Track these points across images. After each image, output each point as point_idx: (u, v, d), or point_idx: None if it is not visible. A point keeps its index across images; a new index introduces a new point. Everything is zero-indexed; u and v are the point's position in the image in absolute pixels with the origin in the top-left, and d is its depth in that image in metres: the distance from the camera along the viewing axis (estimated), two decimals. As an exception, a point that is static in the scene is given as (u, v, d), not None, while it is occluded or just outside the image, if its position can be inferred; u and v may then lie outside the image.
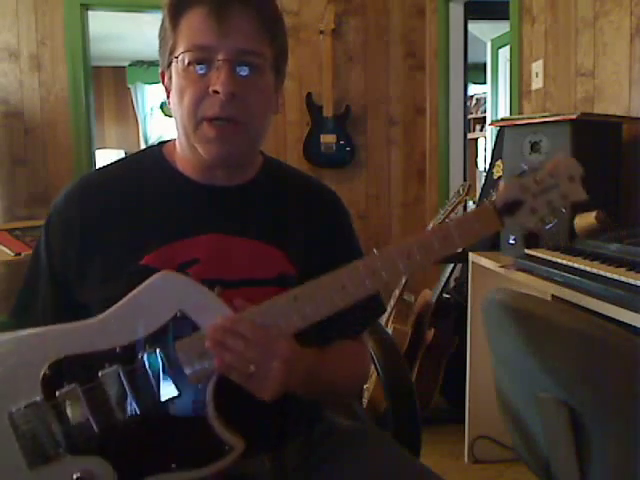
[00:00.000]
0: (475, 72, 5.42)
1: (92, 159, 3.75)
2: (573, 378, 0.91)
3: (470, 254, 2.20)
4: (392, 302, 2.69)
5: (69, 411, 0.81)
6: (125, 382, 0.82)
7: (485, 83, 5.40)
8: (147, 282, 0.85)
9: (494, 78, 5.07)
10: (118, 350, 0.83)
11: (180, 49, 0.90)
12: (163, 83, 0.97)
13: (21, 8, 3.53)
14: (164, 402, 0.83)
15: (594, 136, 1.85)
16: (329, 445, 1.03)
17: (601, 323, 0.85)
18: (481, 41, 5.00)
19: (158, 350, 0.83)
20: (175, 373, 0.83)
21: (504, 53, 4.65)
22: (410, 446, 1.09)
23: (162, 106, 6.95)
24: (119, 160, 1.06)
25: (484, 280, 2.11)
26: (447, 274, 2.59)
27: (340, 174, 3.74)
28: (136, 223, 0.84)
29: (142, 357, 0.83)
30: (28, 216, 3.49)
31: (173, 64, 0.92)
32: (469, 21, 3.83)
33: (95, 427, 0.81)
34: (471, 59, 3.94)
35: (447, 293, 2.67)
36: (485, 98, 5.80)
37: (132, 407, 0.82)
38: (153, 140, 7.19)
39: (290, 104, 3.80)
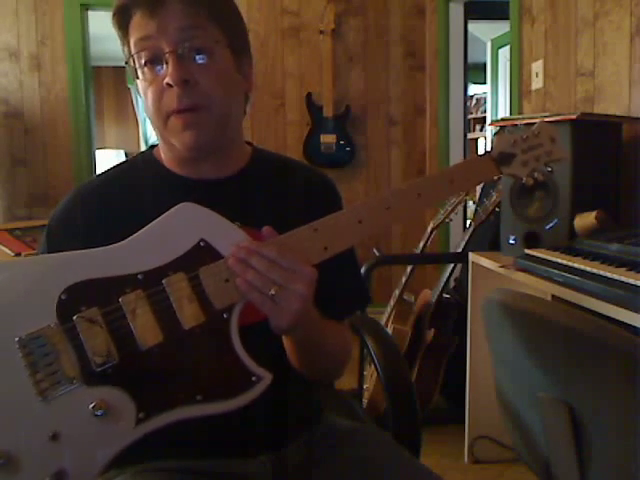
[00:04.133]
0: (475, 72, 5.43)
1: (92, 159, 3.75)
2: (573, 378, 0.91)
3: (470, 254, 2.20)
4: (392, 302, 2.69)
5: (86, 337, 0.77)
6: (148, 307, 0.78)
7: (485, 83, 5.41)
8: (169, 212, 0.83)
9: (494, 78, 5.08)
10: (140, 276, 0.80)
11: (133, 51, 0.93)
12: (139, 93, 0.98)
13: (21, 8, 3.53)
14: (188, 330, 0.79)
15: (594, 136, 1.85)
16: (329, 445, 1.03)
17: (601, 323, 0.85)
18: (481, 41, 5.01)
19: (182, 275, 0.80)
20: (199, 299, 0.80)
21: (504, 53, 4.66)
22: (410, 446, 1.09)
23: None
24: (113, 167, 1.07)
25: (484, 280, 2.10)
26: (447, 274, 2.59)
27: (340, 174, 3.75)
28: (135, 223, 0.84)
29: (165, 282, 0.79)
30: (28, 216, 3.49)
31: (135, 71, 0.94)
32: (469, 21, 3.84)
33: (114, 354, 0.77)
34: (471, 59, 3.94)
35: (447, 293, 2.67)
36: (485, 98, 5.80)
37: (155, 334, 0.78)
38: (153, 140, 7.17)
39: (290, 104, 3.81)
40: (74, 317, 0.78)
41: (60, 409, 0.76)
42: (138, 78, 0.94)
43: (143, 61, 0.91)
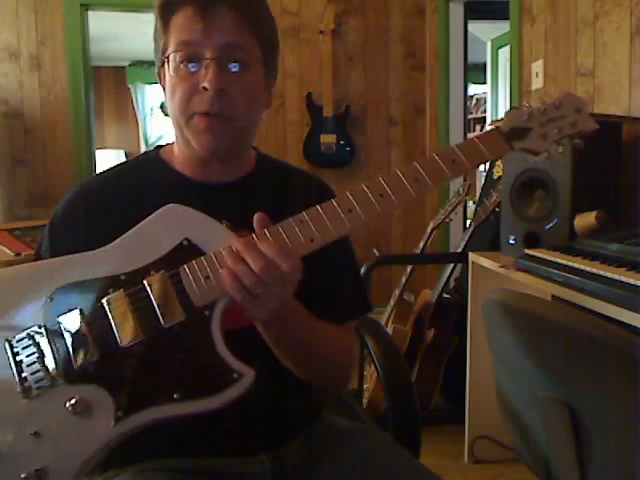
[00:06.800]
0: (475, 72, 5.43)
1: (92, 159, 3.75)
2: (573, 378, 0.91)
3: (470, 254, 2.20)
4: (392, 302, 2.69)
5: (69, 336, 0.79)
6: (129, 306, 0.79)
7: (485, 83, 5.41)
8: (154, 214, 0.84)
9: (494, 78, 5.08)
10: (123, 277, 0.81)
11: (170, 49, 0.93)
12: (160, 83, 1.00)
13: (21, 8, 3.53)
14: (168, 327, 0.79)
15: (594, 136, 1.84)
16: (329, 445, 1.03)
17: (601, 323, 0.85)
18: (481, 41, 5.01)
19: (162, 274, 0.80)
20: (179, 297, 0.79)
21: (504, 53, 4.66)
22: (410, 446, 1.09)
23: (162, 106, 6.95)
24: (117, 165, 1.07)
25: (484, 280, 2.10)
26: (447, 274, 2.59)
27: (340, 174, 3.74)
28: (137, 221, 0.85)
29: (146, 281, 0.80)
30: (28, 216, 3.49)
31: (165, 63, 0.95)
32: (469, 21, 3.84)
33: (95, 353, 0.78)
34: (471, 59, 3.94)
35: (447, 293, 2.67)
36: (485, 98, 5.80)
37: (135, 332, 0.79)
38: (153, 140, 7.19)
39: (290, 104, 3.81)
40: (58, 318, 0.80)
41: (42, 407, 0.78)
42: (168, 72, 0.94)
43: (179, 58, 0.92)
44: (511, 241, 2.00)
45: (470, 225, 2.54)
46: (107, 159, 6.60)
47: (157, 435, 0.79)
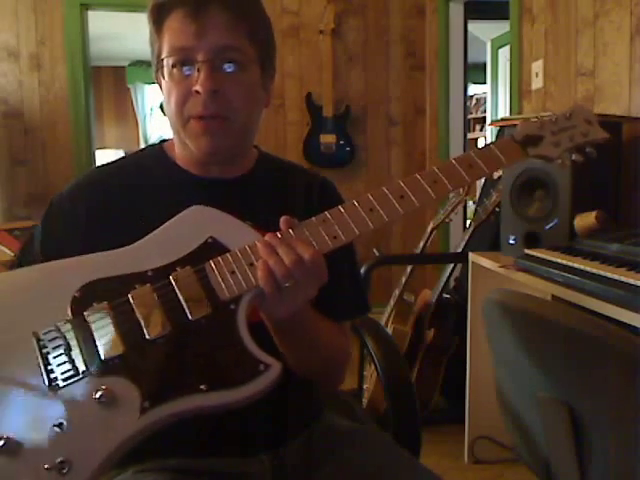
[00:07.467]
0: (475, 72, 5.43)
1: (92, 159, 3.75)
2: (573, 378, 0.91)
3: (470, 254, 2.20)
4: (392, 302, 2.69)
5: (96, 329, 0.80)
6: (155, 300, 0.81)
7: (485, 83, 5.40)
8: (180, 214, 0.86)
9: (494, 78, 5.08)
10: (150, 273, 0.83)
11: (164, 53, 0.93)
12: (159, 86, 1.00)
13: (21, 8, 3.53)
14: (195, 320, 0.80)
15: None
16: (329, 445, 1.02)
17: (601, 323, 0.85)
18: (481, 41, 5.01)
19: (188, 269, 0.82)
20: (206, 291, 0.81)
21: (504, 53, 4.65)
22: (410, 446, 1.08)
23: (162, 106, 6.93)
24: (118, 159, 1.08)
25: (484, 280, 2.10)
26: (447, 274, 2.59)
27: (340, 174, 3.75)
28: (138, 214, 0.85)
29: (172, 276, 0.82)
30: (28, 216, 3.49)
31: (160, 68, 0.95)
32: (469, 21, 3.84)
33: (122, 346, 0.79)
34: (471, 59, 3.94)
35: (447, 293, 2.67)
36: (485, 98, 5.80)
37: (162, 326, 0.80)
38: (153, 140, 7.18)
39: (290, 104, 3.81)
40: (85, 312, 0.81)
41: (68, 399, 0.78)
42: (163, 76, 0.95)
43: (172, 62, 0.92)
44: (511, 241, 2.00)
45: (470, 225, 2.54)
46: (107, 159, 6.59)
47: (158, 435, 0.79)
